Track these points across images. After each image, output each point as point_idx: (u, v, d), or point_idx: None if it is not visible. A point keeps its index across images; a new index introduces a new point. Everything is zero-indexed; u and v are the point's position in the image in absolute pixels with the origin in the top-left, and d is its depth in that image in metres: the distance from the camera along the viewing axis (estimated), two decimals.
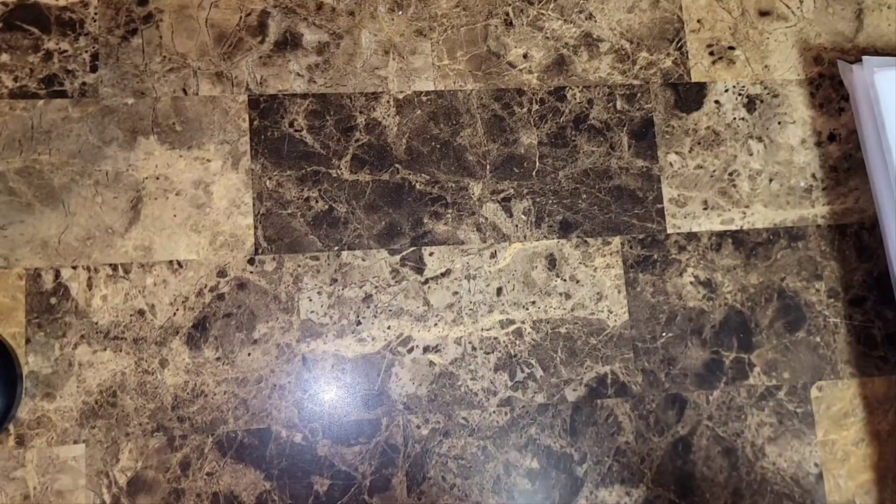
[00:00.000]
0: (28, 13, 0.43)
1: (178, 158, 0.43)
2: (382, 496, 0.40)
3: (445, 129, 0.45)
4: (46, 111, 0.42)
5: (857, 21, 0.49)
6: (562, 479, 0.42)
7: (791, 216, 0.46)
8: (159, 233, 0.42)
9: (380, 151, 0.44)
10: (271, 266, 0.42)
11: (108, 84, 0.43)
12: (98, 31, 0.43)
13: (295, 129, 0.44)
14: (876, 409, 0.44)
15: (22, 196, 0.41)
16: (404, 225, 0.43)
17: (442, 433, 0.41)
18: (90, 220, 0.41)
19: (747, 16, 0.48)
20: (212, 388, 0.41)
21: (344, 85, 0.44)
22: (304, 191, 0.43)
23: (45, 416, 0.39)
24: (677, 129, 0.46)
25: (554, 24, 0.47)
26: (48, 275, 0.41)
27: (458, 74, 0.45)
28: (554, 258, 0.44)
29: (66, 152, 0.42)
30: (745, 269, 0.45)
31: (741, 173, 0.46)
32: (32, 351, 0.40)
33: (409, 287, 0.42)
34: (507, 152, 0.45)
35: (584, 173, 0.45)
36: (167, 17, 0.44)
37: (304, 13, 0.45)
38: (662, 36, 0.47)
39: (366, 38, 0.45)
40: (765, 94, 0.47)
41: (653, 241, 0.45)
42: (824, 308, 0.46)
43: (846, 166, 0.47)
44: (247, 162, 0.43)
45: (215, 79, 0.44)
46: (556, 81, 0.46)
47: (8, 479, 0.39)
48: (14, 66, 0.42)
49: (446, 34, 0.46)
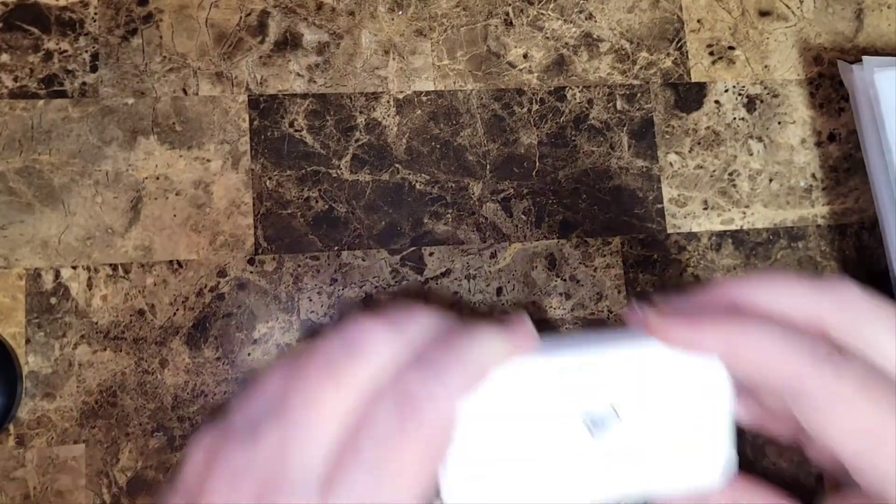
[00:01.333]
0: (28, 13, 0.43)
1: (178, 158, 0.43)
2: None
3: (445, 129, 0.45)
4: (46, 111, 0.42)
5: (857, 21, 0.49)
6: None
7: (791, 216, 0.46)
8: (159, 233, 0.42)
9: (380, 151, 0.44)
10: (271, 266, 0.42)
11: (108, 84, 0.43)
12: (98, 31, 0.43)
13: (295, 129, 0.44)
14: None
15: (22, 196, 0.41)
16: (404, 225, 0.43)
17: None
18: (90, 220, 0.41)
19: (747, 16, 0.48)
20: (212, 388, 0.41)
21: (344, 85, 0.44)
22: (304, 191, 0.43)
23: (45, 416, 0.39)
24: (677, 129, 0.46)
25: (554, 24, 0.46)
26: (48, 275, 0.41)
27: (458, 74, 0.45)
28: (554, 258, 0.44)
29: (66, 152, 0.42)
30: (745, 269, 0.45)
31: (741, 173, 0.46)
32: (32, 351, 0.40)
33: (410, 287, 0.42)
34: (507, 152, 0.45)
35: (583, 173, 0.45)
36: (167, 17, 0.44)
37: (304, 13, 0.45)
38: (662, 36, 0.47)
39: (366, 38, 0.45)
40: (765, 94, 0.47)
41: (653, 241, 0.45)
42: None
43: (846, 166, 0.47)
44: (247, 162, 0.43)
45: (215, 79, 0.43)
46: (556, 81, 0.46)
47: (8, 479, 0.39)
48: (14, 66, 0.42)
49: (446, 34, 0.46)
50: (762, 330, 0.25)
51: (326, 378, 0.23)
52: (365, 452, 0.22)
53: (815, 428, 0.25)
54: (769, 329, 0.25)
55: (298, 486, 0.21)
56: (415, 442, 0.22)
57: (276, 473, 0.21)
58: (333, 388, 0.23)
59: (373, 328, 0.24)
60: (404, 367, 0.23)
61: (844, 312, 0.25)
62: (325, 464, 0.22)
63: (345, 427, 0.22)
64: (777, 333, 0.25)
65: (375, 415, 0.22)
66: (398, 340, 0.24)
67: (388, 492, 0.22)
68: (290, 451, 0.22)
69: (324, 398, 0.22)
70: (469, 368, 0.24)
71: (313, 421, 0.22)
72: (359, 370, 0.23)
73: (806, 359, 0.24)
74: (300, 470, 0.22)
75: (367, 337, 0.24)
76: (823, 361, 0.24)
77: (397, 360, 0.24)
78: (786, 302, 0.26)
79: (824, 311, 0.25)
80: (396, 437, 0.22)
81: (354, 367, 0.23)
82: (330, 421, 0.22)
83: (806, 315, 0.25)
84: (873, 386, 0.24)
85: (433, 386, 0.23)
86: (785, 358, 0.24)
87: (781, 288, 0.26)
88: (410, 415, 0.22)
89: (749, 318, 0.26)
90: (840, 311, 0.25)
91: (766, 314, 0.26)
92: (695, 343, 0.27)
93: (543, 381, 0.30)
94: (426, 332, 0.25)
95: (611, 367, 0.31)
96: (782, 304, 0.25)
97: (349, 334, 0.24)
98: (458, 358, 0.24)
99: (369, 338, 0.24)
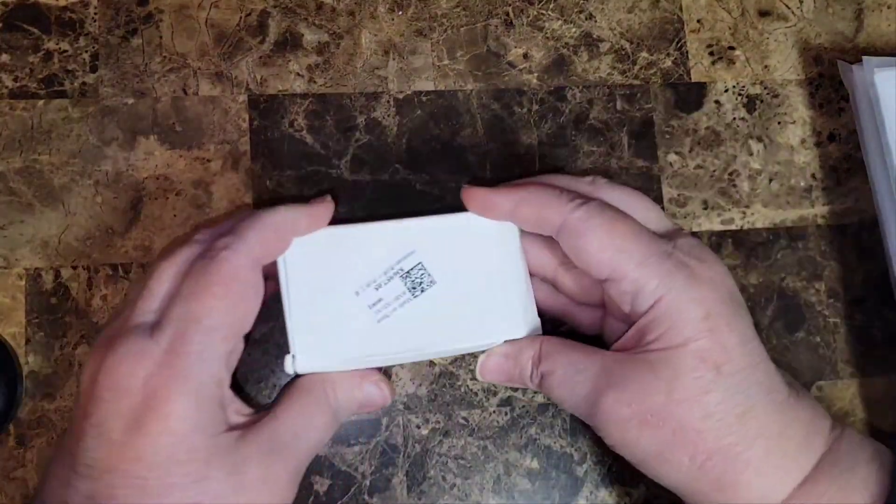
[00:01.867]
0: (28, 13, 0.43)
1: (178, 158, 0.43)
2: (382, 496, 0.40)
3: (445, 129, 0.45)
4: (46, 111, 0.42)
5: (857, 21, 0.49)
6: (562, 479, 0.42)
7: (791, 216, 0.46)
8: (159, 233, 0.42)
9: (380, 151, 0.44)
10: None
11: (108, 84, 0.43)
12: (98, 31, 0.43)
13: (295, 129, 0.44)
14: (876, 409, 0.44)
15: (22, 196, 0.41)
16: None
17: (442, 433, 0.41)
18: (90, 220, 0.41)
19: (747, 16, 0.48)
20: None
21: (344, 85, 0.44)
22: (304, 191, 0.43)
23: (45, 416, 0.39)
24: (677, 129, 0.46)
25: (554, 24, 0.47)
26: (48, 275, 0.41)
27: (458, 74, 0.45)
28: None
29: (66, 152, 0.42)
30: (744, 268, 0.45)
31: (741, 173, 0.46)
32: (32, 351, 0.40)
33: None
34: (507, 152, 0.45)
35: (583, 173, 0.45)
36: (167, 17, 0.44)
37: (304, 13, 0.45)
38: (662, 36, 0.47)
39: (366, 38, 0.45)
40: (765, 94, 0.47)
41: None
42: (824, 308, 0.46)
43: (846, 166, 0.47)
44: (247, 162, 0.43)
45: (215, 79, 0.44)
46: (556, 81, 0.46)
47: (8, 479, 0.39)
48: (14, 66, 0.42)
49: (446, 34, 0.46)
50: (538, 189, 0.34)
51: (163, 258, 0.32)
52: (181, 292, 0.30)
53: (580, 256, 0.33)
54: (543, 188, 0.34)
55: (135, 329, 0.29)
56: (217, 281, 0.29)
57: (124, 322, 0.30)
58: (167, 261, 0.31)
59: (202, 226, 0.35)
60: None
61: (593, 186, 0.36)
62: (158, 311, 0.30)
63: (176, 284, 0.30)
64: (548, 191, 0.34)
65: (192, 267, 0.30)
66: (218, 227, 0.33)
67: (199, 319, 0.29)
68: (133, 306, 0.31)
69: (160, 268, 0.31)
70: (266, 229, 0.32)
71: (151, 284, 0.31)
72: (186, 247, 0.32)
73: (566, 205, 0.33)
74: (139, 316, 0.30)
75: (197, 229, 0.33)
76: (577, 203, 0.33)
77: (215, 236, 0.32)
78: (561, 182, 0.36)
79: (579, 186, 0.36)
80: (202, 276, 0.29)
81: (184, 246, 0.32)
82: (164, 281, 0.31)
83: (568, 186, 0.35)
84: (613, 216, 0.33)
85: (231, 240, 0.30)
86: (552, 206, 0.33)
87: (561, 178, 0.37)
88: (213, 260, 0.30)
89: (530, 184, 0.36)
90: (590, 185, 0.36)
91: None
92: (491, 205, 0.35)
93: (358, 242, 0.35)
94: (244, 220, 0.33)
95: (419, 230, 0.35)
96: (559, 183, 0.36)
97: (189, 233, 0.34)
98: (256, 222, 0.32)
99: (199, 229, 0.33)
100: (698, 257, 0.32)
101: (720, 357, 0.30)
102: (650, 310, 0.31)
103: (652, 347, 0.31)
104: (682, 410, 0.30)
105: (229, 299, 0.30)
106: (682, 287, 0.31)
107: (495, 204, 0.35)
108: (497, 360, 0.35)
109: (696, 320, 0.30)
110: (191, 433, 0.28)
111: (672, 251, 0.32)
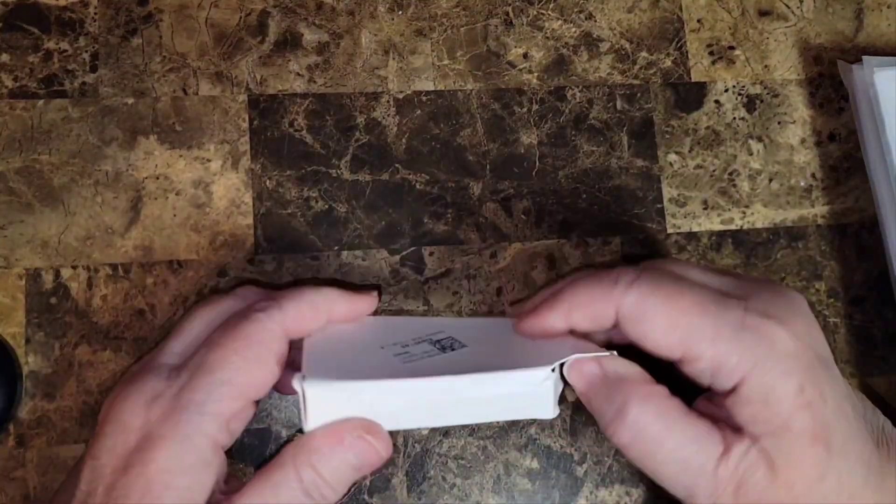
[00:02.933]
0: (28, 13, 0.43)
1: (178, 158, 0.43)
2: (382, 496, 0.40)
3: (445, 129, 0.45)
4: (46, 111, 0.42)
5: (857, 21, 0.49)
6: (562, 479, 0.42)
7: (791, 216, 0.46)
8: (159, 233, 0.42)
9: (380, 151, 0.44)
10: (271, 266, 0.42)
11: (108, 84, 0.43)
12: (98, 31, 0.43)
13: (295, 129, 0.44)
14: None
15: (22, 196, 0.41)
16: (404, 225, 0.43)
17: (442, 433, 0.41)
18: (90, 220, 0.41)
19: (747, 16, 0.48)
20: None
21: (344, 85, 0.44)
22: (304, 191, 0.43)
23: (45, 416, 0.39)
24: (677, 128, 0.46)
25: (554, 24, 0.47)
26: (48, 275, 0.41)
27: (458, 74, 0.45)
28: (554, 258, 0.44)
29: (66, 152, 0.42)
30: (745, 268, 0.45)
31: (741, 173, 0.46)
32: (32, 351, 0.40)
33: (410, 287, 0.42)
34: (507, 152, 0.45)
35: (583, 173, 0.45)
36: (167, 17, 0.44)
37: (304, 13, 0.45)
38: (662, 36, 0.47)
39: (366, 38, 0.45)
40: (765, 93, 0.47)
41: (653, 240, 0.45)
42: (824, 308, 0.46)
43: (846, 166, 0.47)
44: (247, 162, 0.43)
45: (215, 79, 0.43)
46: (556, 81, 0.46)
47: (8, 479, 0.39)
48: (14, 66, 0.42)
49: (446, 34, 0.46)
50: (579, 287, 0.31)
51: (203, 304, 0.33)
52: (207, 341, 0.30)
53: (645, 342, 0.30)
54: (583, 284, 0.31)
55: (156, 368, 0.30)
56: (242, 337, 0.29)
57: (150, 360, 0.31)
58: (205, 308, 0.32)
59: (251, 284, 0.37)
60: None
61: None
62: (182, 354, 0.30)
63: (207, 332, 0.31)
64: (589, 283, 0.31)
65: (226, 321, 0.31)
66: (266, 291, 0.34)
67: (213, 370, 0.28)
68: (163, 346, 0.31)
69: (197, 313, 0.32)
70: (305, 304, 0.32)
71: (185, 326, 0.32)
72: (229, 299, 0.33)
73: (614, 290, 0.30)
74: (164, 357, 0.31)
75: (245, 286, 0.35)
76: (627, 283, 0.30)
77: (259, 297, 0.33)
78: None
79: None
80: (230, 331, 0.30)
81: (226, 298, 0.33)
82: (196, 326, 0.31)
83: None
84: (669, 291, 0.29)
85: (269, 305, 0.31)
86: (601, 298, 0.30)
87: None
88: (245, 319, 0.30)
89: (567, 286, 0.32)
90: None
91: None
92: (546, 332, 0.33)
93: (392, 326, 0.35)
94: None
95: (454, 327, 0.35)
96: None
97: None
98: (297, 294, 0.32)
99: (247, 286, 0.35)
100: (777, 317, 0.28)
101: (823, 433, 0.27)
102: (736, 389, 0.28)
103: (750, 431, 0.27)
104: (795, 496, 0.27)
105: (248, 359, 0.29)
106: (765, 360, 0.27)
107: (549, 329, 0.32)
108: (592, 367, 0.30)
109: (790, 396, 0.27)
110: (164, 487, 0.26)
111: (745, 316, 0.28)
